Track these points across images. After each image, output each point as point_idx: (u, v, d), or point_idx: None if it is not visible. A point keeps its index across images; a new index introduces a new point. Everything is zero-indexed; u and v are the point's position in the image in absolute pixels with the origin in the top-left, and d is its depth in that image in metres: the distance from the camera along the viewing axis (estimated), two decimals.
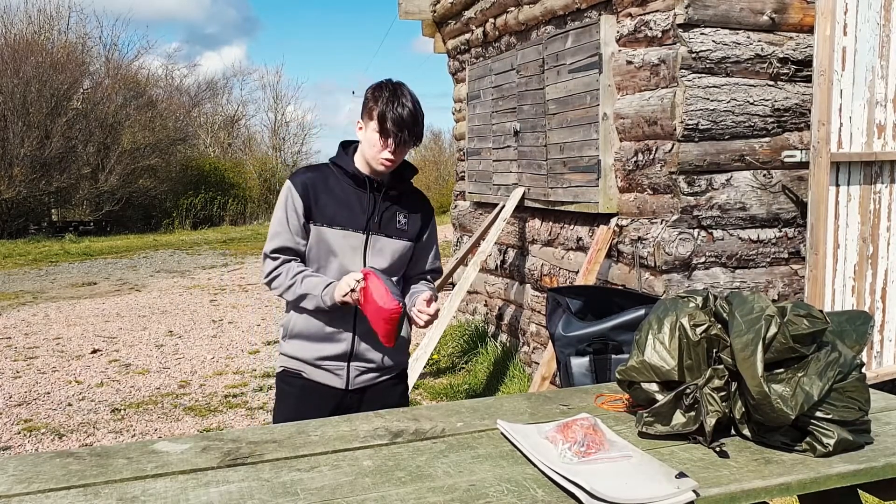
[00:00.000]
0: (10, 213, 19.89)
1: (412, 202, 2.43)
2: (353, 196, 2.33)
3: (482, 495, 1.39)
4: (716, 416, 1.63)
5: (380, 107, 2.21)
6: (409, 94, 2.26)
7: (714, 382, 1.66)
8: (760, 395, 1.57)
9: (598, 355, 2.37)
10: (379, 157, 2.26)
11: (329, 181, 2.34)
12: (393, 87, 2.25)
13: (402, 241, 2.37)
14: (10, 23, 22.34)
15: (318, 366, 2.36)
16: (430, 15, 7.31)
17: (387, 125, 2.20)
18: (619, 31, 4.28)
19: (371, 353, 2.37)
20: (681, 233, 3.84)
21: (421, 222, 2.42)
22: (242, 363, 6.52)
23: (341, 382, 2.36)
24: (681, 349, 1.72)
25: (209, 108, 32.03)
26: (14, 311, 9.04)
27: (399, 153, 2.27)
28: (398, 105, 2.20)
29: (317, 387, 2.37)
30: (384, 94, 2.23)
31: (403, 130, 2.21)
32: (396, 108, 2.20)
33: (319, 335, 2.35)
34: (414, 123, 2.23)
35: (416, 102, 2.25)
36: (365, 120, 2.28)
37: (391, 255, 2.35)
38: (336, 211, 2.31)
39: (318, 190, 2.32)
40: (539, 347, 5.39)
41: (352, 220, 2.31)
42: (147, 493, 1.44)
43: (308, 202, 2.30)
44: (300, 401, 2.37)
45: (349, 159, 2.36)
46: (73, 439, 4.67)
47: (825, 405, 1.61)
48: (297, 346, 2.39)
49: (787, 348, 1.60)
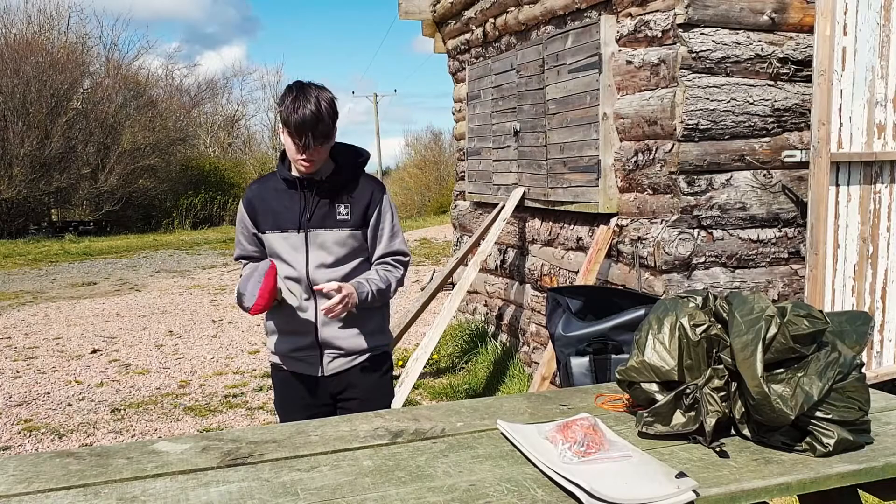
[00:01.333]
0: (10, 213, 19.89)
1: (355, 190, 2.46)
2: (287, 198, 2.42)
3: (482, 495, 1.39)
4: (716, 416, 1.63)
5: (284, 112, 2.27)
6: (314, 95, 2.28)
7: (714, 382, 1.66)
8: (760, 396, 1.57)
9: (598, 355, 2.37)
10: (296, 160, 2.34)
11: (269, 189, 2.47)
12: (296, 90, 2.29)
13: (344, 230, 2.41)
14: (10, 23, 22.35)
15: (294, 357, 2.52)
16: (430, 15, 7.30)
17: (291, 128, 2.26)
18: (619, 31, 4.28)
19: (338, 341, 2.48)
20: (681, 233, 3.84)
21: (366, 207, 2.45)
22: (242, 363, 6.52)
23: (315, 370, 2.50)
24: (681, 349, 1.72)
25: (209, 108, 32.04)
26: (14, 311, 9.04)
27: (314, 153, 2.31)
28: (300, 107, 2.24)
29: (296, 376, 2.53)
30: (288, 98, 2.29)
31: (308, 132, 2.25)
32: (299, 111, 2.24)
33: (288, 329, 2.50)
34: (317, 122, 2.25)
35: (319, 101, 2.26)
36: (282, 126, 2.34)
37: (334, 246, 2.41)
38: (275, 216, 2.44)
39: (260, 200, 2.47)
40: (539, 347, 5.39)
41: (289, 221, 2.42)
42: (147, 493, 1.44)
43: (253, 215, 2.48)
44: (286, 390, 2.56)
45: (284, 165, 2.46)
46: (73, 439, 4.67)
47: (825, 405, 1.61)
48: (274, 340, 2.55)
49: (787, 348, 1.60)
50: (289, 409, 2.54)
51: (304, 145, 2.27)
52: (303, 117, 2.23)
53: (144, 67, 27.41)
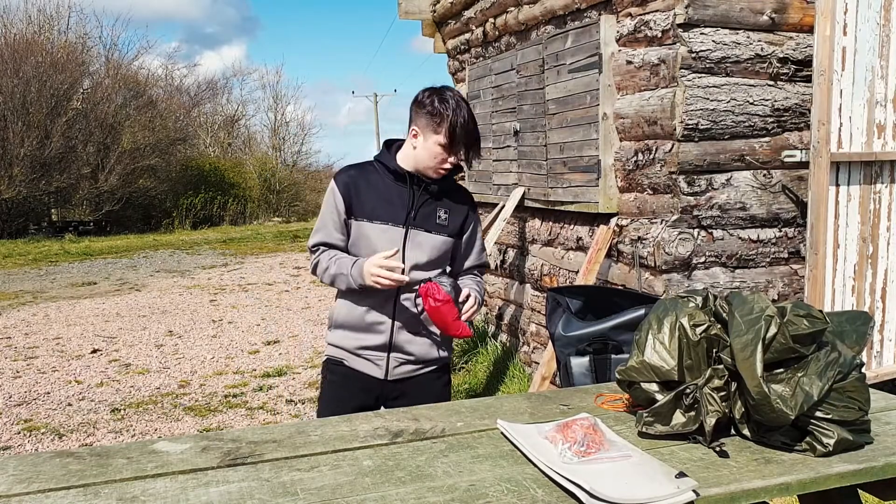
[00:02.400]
0: (10, 213, 19.89)
1: (454, 198, 2.46)
2: (393, 191, 2.37)
3: (482, 495, 1.39)
4: (716, 416, 1.63)
5: (451, 119, 2.25)
6: (466, 104, 2.32)
7: (714, 382, 1.66)
8: (760, 396, 1.57)
9: (598, 355, 2.37)
10: (440, 166, 2.32)
11: (371, 177, 2.39)
12: (457, 100, 2.30)
13: (442, 236, 2.40)
14: (9, 23, 22.35)
15: (359, 355, 2.44)
16: (430, 15, 7.30)
17: (455, 136, 2.25)
18: (618, 30, 4.28)
19: (410, 346, 2.42)
20: (681, 233, 3.84)
21: (463, 218, 2.46)
22: (242, 363, 6.52)
23: (380, 372, 2.43)
24: (681, 349, 1.72)
25: (209, 108, 32.05)
26: (14, 311, 9.04)
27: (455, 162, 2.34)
28: (463, 117, 2.26)
29: (357, 375, 2.44)
30: (450, 105, 2.27)
31: (464, 140, 2.28)
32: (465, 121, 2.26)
33: (360, 325, 2.41)
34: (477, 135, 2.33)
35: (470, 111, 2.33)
36: (426, 128, 2.30)
37: (430, 249, 2.38)
38: (376, 206, 2.36)
39: (359, 186, 2.38)
40: (539, 347, 5.39)
41: (391, 215, 2.35)
42: (147, 493, 1.44)
43: (349, 199, 2.37)
44: (341, 388, 2.45)
45: (391, 157, 2.40)
46: (72, 439, 4.67)
47: (825, 405, 1.61)
48: (340, 335, 2.46)
49: (786, 348, 1.60)
50: (337, 407, 2.35)
51: (455, 152, 2.29)
52: (465, 126, 2.26)
53: (144, 67, 27.41)
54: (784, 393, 1.58)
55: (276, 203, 29.09)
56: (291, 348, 7.06)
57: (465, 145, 2.30)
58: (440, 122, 2.26)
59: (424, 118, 2.31)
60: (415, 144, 2.35)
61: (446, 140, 2.27)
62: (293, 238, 18.99)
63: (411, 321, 2.39)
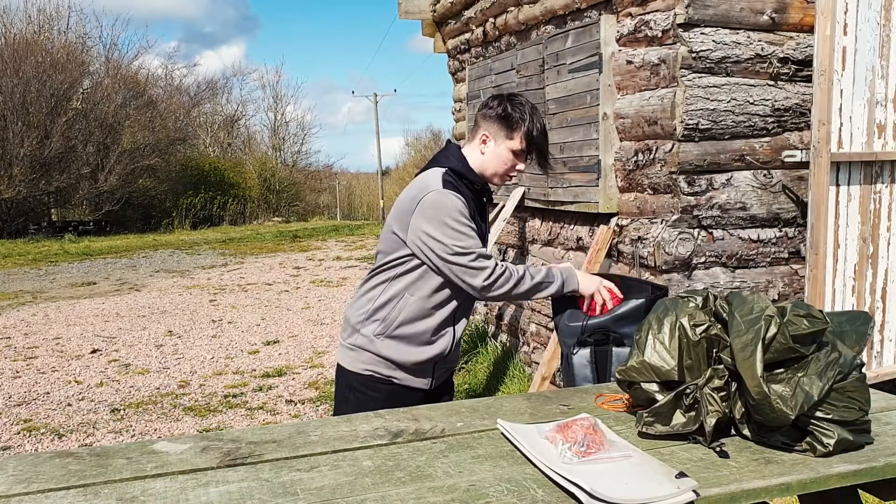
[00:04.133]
0: (10, 213, 19.89)
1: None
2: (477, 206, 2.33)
3: (482, 495, 1.39)
4: (716, 416, 1.63)
5: (529, 126, 2.25)
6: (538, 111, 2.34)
7: (714, 382, 1.66)
8: (760, 396, 1.57)
9: (599, 346, 2.37)
10: (509, 172, 2.31)
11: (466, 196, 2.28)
12: (533, 107, 2.30)
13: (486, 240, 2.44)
14: (9, 23, 22.35)
15: (412, 370, 2.32)
16: (430, 15, 7.30)
17: (531, 141, 2.26)
18: (619, 30, 4.28)
19: (455, 352, 2.42)
20: (681, 233, 3.84)
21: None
22: (242, 363, 6.52)
23: (426, 383, 2.36)
24: (681, 349, 1.72)
25: (209, 107, 32.05)
26: (14, 311, 9.04)
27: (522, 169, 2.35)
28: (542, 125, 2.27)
29: (404, 391, 2.31)
30: (528, 112, 2.27)
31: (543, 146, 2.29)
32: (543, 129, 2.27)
33: (423, 339, 2.30)
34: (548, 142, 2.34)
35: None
36: (501, 135, 2.28)
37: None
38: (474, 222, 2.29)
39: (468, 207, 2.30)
40: (539, 347, 5.39)
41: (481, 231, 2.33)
42: (147, 493, 1.43)
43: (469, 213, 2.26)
44: (383, 405, 2.16)
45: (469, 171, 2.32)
46: (72, 439, 4.67)
47: (825, 405, 1.61)
48: (396, 347, 2.29)
49: (786, 348, 1.60)
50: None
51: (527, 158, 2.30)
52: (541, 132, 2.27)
53: (144, 67, 27.42)
54: (784, 393, 1.57)
55: (276, 203, 29.10)
56: (291, 348, 7.06)
57: (538, 151, 2.29)
58: (515, 126, 2.25)
59: (497, 123, 2.28)
60: (483, 150, 2.31)
61: (521, 145, 2.25)
62: (293, 238, 18.99)
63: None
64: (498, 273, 2.22)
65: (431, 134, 33.14)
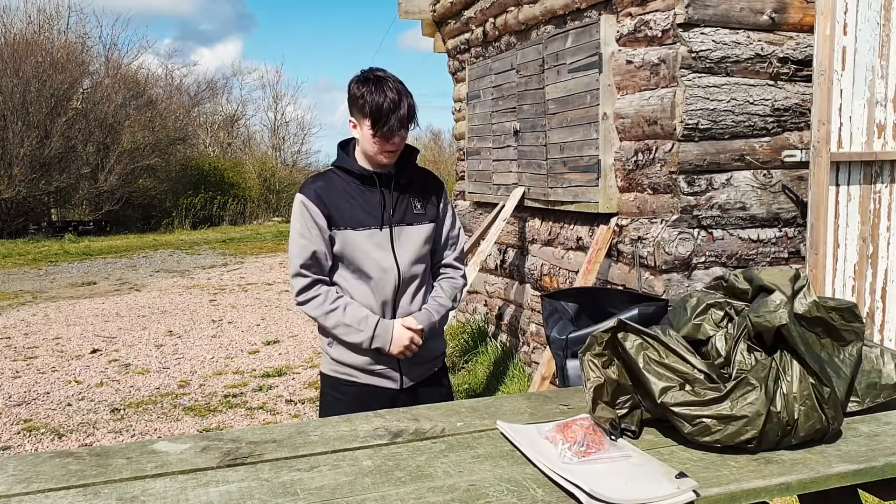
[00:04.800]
0: (10, 213, 19.89)
1: (423, 184, 2.41)
2: (365, 194, 2.31)
3: (482, 495, 1.39)
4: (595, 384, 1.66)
5: (368, 100, 2.18)
6: (392, 79, 2.23)
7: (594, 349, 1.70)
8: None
9: None
10: (380, 151, 2.25)
11: (338, 186, 2.32)
12: (376, 78, 2.22)
13: (423, 224, 2.37)
14: (9, 22, 22.35)
15: (371, 371, 2.35)
16: (430, 14, 7.31)
17: (380, 117, 2.17)
18: (619, 30, 4.28)
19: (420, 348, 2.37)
20: (681, 232, 3.84)
21: (438, 201, 2.42)
22: (242, 363, 6.52)
23: (395, 383, 2.36)
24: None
25: (209, 107, 32.06)
26: (14, 311, 9.03)
27: (399, 141, 2.26)
28: (383, 94, 2.18)
29: (371, 390, 2.34)
30: (369, 87, 2.20)
31: (395, 117, 2.19)
32: (384, 97, 2.17)
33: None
34: (400, 107, 2.20)
35: (399, 85, 2.22)
36: (357, 117, 2.26)
37: (418, 242, 2.35)
38: (354, 212, 2.29)
39: (332, 196, 2.30)
40: (539, 347, 5.39)
41: (371, 218, 2.30)
42: (147, 493, 1.43)
43: (326, 209, 2.28)
44: (353, 407, 2.22)
45: (351, 159, 2.34)
46: (72, 439, 4.67)
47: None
48: (344, 353, 2.35)
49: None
50: None
51: (390, 131, 2.20)
52: (393, 101, 2.17)
53: (144, 67, 27.43)
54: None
55: (276, 203, 29.09)
56: (291, 348, 7.06)
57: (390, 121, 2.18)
58: (363, 103, 2.20)
59: (354, 105, 2.25)
60: (357, 137, 2.30)
61: (371, 120, 2.19)
62: None
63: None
64: (309, 297, 2.30)
65: (431, 134, 33.20)
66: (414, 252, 2.35)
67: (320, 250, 2.29)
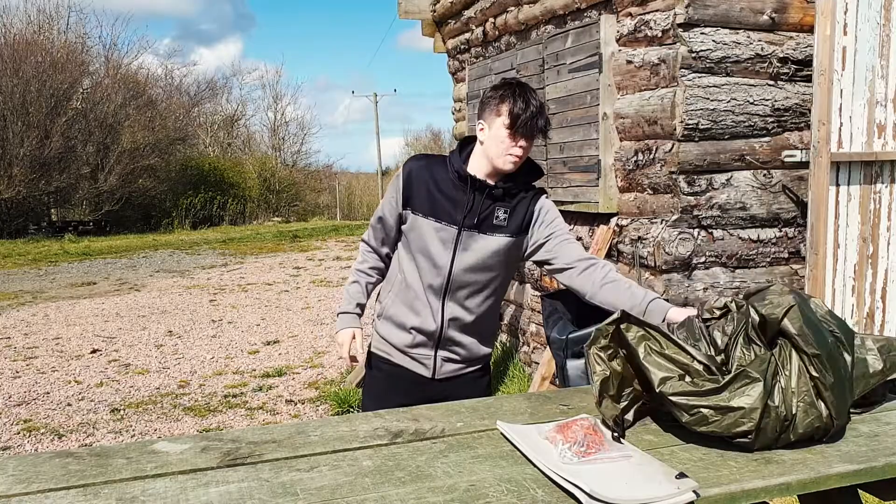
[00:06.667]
0: (10, 213, 19.89)
1: (520, 199, 2.37)
2: (455, 192, 2.33)
3: (482, 495, 1.39)
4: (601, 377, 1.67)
5: (508, 104, 2.23)
6: (533, 90, 2.32)
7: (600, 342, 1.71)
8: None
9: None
10: (507, 154, 2.27)
11: (438, 172, 2.35)
12: (519, 85, 2.29)
13: (499, 236, 2.33)
14: (9, 22, 22.36)
15: (406, 353, 2.41)
16: (430, 14, 7.30)
17: (520, 116, 2.22)
18: (619, 30, 4.28)
19: (458, 346, 2.40)
20: (681, 232, 3.84)
21: (526, 213, 2.36)
22: (242, 363, 6.52)
23: (428, 371, 2.41)
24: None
25: (209, 107, 32.06)
26: (13, 311, 9.03)
27: (526, 147, 2.30)
28: (527, 99, 2.24)
29: (403, 373, 2.42)
30: (511, 92, 2.26)
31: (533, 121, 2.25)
32: (528, 102, 2.24)
33: (407, 324, 2.39)
34: (540, 116, 2.27)
35: (542, 100, 2.32)
36: (490, 119, 2.29)
37: (482, 252, 2.32)
38: (435, 202, 2.32)
39: (423, 179, 2.35)
40: (539, 347, 5.39)
41: (449, 215, 2.31)
42: (147, 493, 1.43)
43: (408, 190, 2.35)
44: (386, 384, 2.44)
45: (460, 158, 2.37)
46: (72, 439, 4.67)
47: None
48: (388, 329, 2.45)
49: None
50: (381, 403, 2.27)
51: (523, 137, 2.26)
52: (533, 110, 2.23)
53: (144, 67, 27.42)
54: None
55: (276, 203, 29.10)
56: (291, 348, 7.06)
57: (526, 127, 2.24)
58: (500, 106, 2.25)
59: (487, 107, 2.30)
60: (482, 139, 2.32)
61: (508, 122, 2.23)
62: (293, 238, 18.99)
63: (459, 321, 2.36)
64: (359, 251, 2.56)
65: (431, 134, 33.19)
66: (477, 259, 2.32)
67: (386, 218, 2.42)
